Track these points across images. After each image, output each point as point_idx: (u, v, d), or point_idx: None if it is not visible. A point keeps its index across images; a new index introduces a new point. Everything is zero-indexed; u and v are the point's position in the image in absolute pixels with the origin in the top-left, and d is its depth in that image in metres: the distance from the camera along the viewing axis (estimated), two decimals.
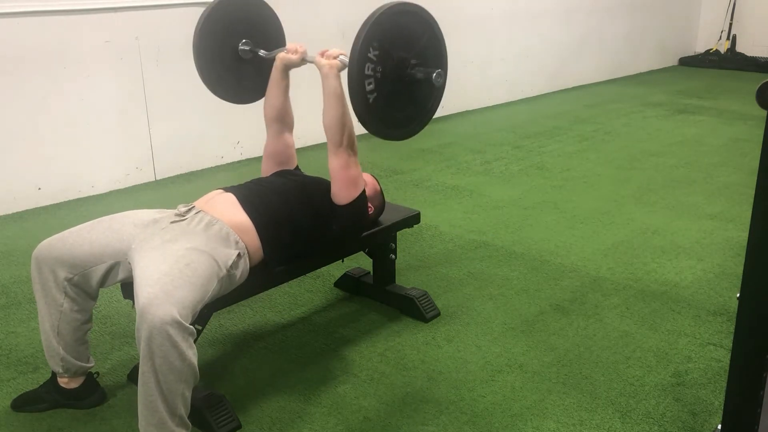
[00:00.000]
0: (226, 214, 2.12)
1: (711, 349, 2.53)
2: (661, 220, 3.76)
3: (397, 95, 2.14)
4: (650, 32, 8.44)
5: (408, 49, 2.12)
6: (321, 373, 2.39)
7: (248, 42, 2.57)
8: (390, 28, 2.06)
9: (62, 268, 2.02)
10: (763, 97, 1.48)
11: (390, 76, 2.09)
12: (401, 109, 2.18)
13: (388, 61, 2.07)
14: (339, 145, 2.24)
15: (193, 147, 4.61)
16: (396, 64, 2.09)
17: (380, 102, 2.09)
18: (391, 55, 2.07)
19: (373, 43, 2.02)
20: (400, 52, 2.10)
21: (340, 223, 2.31)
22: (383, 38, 2.04)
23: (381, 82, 2.07)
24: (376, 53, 2.04)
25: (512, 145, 5.25)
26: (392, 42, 2.07)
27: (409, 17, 2.12)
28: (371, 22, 2.01)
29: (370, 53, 2.02)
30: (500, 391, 2.29)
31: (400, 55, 2.10)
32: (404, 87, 2.14)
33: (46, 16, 3.84)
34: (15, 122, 3.84)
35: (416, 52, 2.14)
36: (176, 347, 1.76)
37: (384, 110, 2.12)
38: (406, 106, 2.19)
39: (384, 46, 2.05)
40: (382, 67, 2.06)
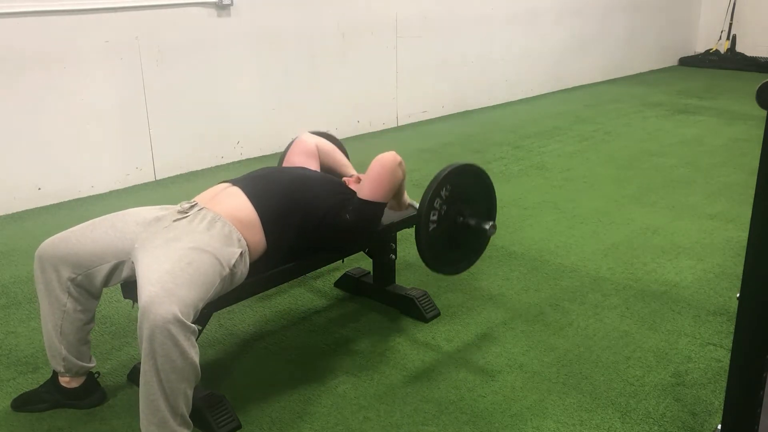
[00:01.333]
0: (230, 210, 2.12)
1: (711, 349, 2.53)
2: (661, 220, 3.76)
3: (453, 235, 2.44)
4: (650, 32, 8.45)
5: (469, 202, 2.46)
6: (321, 373, 2.39)
7: None
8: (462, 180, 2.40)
9: (66, 268, 2.02)
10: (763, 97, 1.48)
11: (450, 216, 2.40)
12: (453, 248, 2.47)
13: (452, 205, 2.39)
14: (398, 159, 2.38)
15: (193, 147, 4.61)
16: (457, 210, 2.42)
17: (437, 233, 2.36)
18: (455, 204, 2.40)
19: (448, 185, 2.34)
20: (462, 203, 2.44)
21: (353, 216, 2.32)
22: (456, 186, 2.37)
23: (442, 219, 2.37)
24: (447, 194, 2.35)
25: (512, 145, 5.26)
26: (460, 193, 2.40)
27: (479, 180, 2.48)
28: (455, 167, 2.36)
29: (443, 191, 2.33)
30: (500, 391, 2.29)
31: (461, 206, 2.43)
32: (458, 230, 2.44)
33: (46, 16, 3.84)
34: (15, 122, 3.84)
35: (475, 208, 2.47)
36: (178, 346, 1.76)
37: (438, 242, 2.38)
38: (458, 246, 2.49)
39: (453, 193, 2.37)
40: (447, 207, 2.37)
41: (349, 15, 5.30)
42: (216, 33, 4.56)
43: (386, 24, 5.58)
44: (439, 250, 2.40)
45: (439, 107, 6.20)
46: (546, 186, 4.32)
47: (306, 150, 2.61)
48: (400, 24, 5.66)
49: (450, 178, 2.35)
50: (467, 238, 2.49)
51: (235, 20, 4.63)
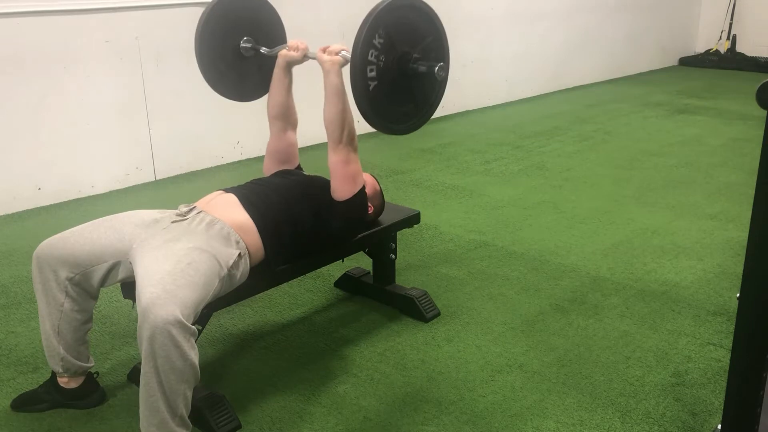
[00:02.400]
0: (227, 215, 2.12)
1: (711, 349, 2.53)
2: (661, 220, 3.76)
3: (399, 88, 2.14)
4: (650, 32, 8.44)
5: (412, 44, 2.12)
6: (321, 373, 2.39)
7: (249, 39, 2.57)
8: (397, 19, 2.07)
9: (63, 268, 2.02)
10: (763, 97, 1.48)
11: (393, 66, 2.09)
12: (403, 103, 2.19)
13: (391, 52, 2.07)
14: (339, 142, 2.25)
15: (193, 147, 4.61)
16: (400, 56, 2.10)
17: (380, 91, 2.09)
18: (395, 47, 2.08)
19: (380, 30, 2.02)
20: (404, 45, 2.10)
21: (340, 219, 2.32)
22: (389, 28, 2.05)
23: (383, 71, 2.07)
24: (381, 41, 2.04)
25: (512, 145, 5.25)
26: (397, 33, 2.07)
27: (415, 12, 2.12)
28: (380, 8, 2.01)
29: (375, 39, 2.02)
30: (500, 391, 2.29)
31: (404, 48, 2.10)
32: (407, 80, 2.14)
33: (46, 16, 3.84)
34: (15, 122, 3.84)
35: (420, 47, 2.14)
36: (178, 347, 1.76)
37: (388, 105, 2.13)
38: (408, 100, 2.20)
39: (390, 36, 2.05)
40: (385, 57, 2.06)
41: (349, 15, 5.30)
42: None
43: None
44: (385, 108, 2.14)
45: (438, 107, 6.19)
46: (546, 186, 4.32)
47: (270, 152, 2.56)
48: None
49: (382, 20, 2.02)
50: (416, 88, 2.19)
51: None
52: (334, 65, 2.26)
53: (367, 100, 2.07)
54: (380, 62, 2.05)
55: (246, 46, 2.57)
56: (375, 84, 2.06)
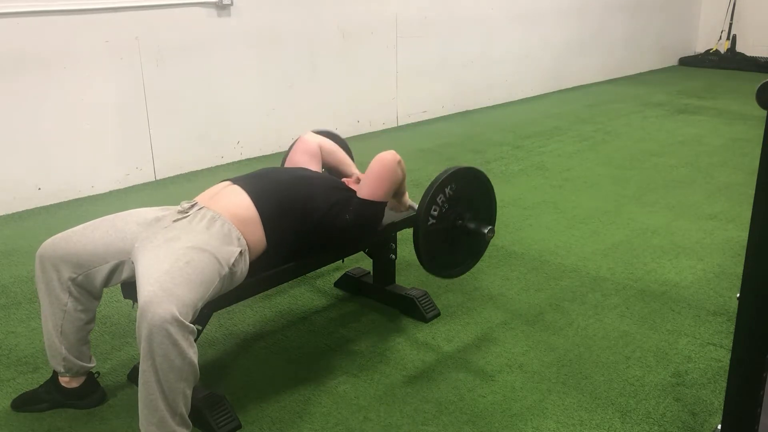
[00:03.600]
0: (230, 209, 2.12)
1: (711, 349, 2.53)
2: (661, 220, 3.76)
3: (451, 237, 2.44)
4: (650, 32, 8.45)
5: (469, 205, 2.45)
6: (321, 373, 2.39)
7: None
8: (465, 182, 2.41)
9: (66, 268, 2.02)
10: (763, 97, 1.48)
11: (450, 217, 2.40)
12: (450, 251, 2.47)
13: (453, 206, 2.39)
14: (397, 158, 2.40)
15: (193, 147, 4.61)
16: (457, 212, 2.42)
17: (435, 231, 2.36)
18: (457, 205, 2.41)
19: (453, 185, 2.35)
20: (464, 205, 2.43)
21: (354, 217, 2.32)
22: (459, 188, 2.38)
23: (442, 217, 2.37)
24: (450, 193, 2.36)
25: (512, 145, 5.25)
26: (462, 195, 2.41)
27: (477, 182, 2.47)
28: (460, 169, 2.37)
29: (447, 189, 2.34)
30: (500, 391, 2.29)
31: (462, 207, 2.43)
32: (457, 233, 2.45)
33: (46, 16, 3.84)
34: (15, 122, 3.84)
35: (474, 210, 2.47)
36: (176, 345, 1.76)
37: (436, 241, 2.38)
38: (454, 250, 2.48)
39: (456, 194, 2.38)
40: (448, 206, 2.37)
41: (349, 15, 5.30)
42: (216, 33, 4.55)
43: (386, 24, 5.58)
44: (436, 251, 2.40)
45: (439, 107, 6.20)
46: (546, 186, 4.32)
47: (308, 150, 2.62)
48: (400, 24, 5.66)
49: (454, 179, 2.35)
50: (465, 242, 2.48)
51: (235, 20, 4.63)
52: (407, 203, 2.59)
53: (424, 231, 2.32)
54: (443, 208, 2.36)
55: None
56: (433, 223, 2.34)
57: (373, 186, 2.35)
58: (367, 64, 5.51)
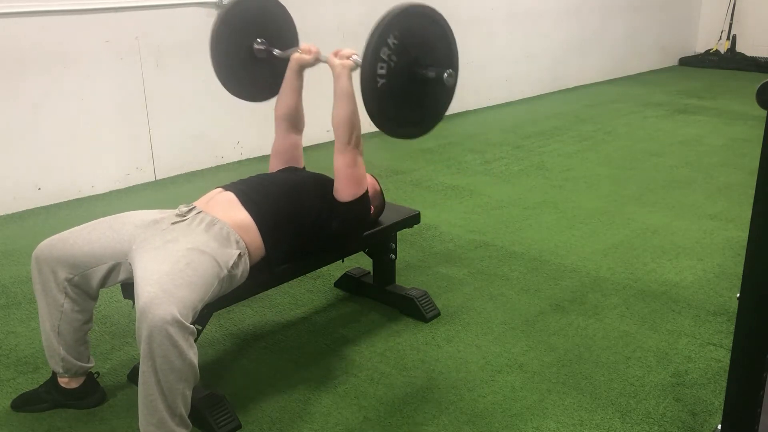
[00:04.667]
0: (226, 214, 2.12)
1: (711, 349, 2.53)
2: (661, 220, 3.76)
3: (410, 95, 2.16)
4: (650, 32, 8.44)
5: (419, 49, 2.13)
6: (321, 373, 2.39)
7: (263, 42, 2.59)
8: (402, 29, 2.07)
9: (63, 269, 2.02)
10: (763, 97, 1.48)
11: (402, 76, 2.10)
12: (413, 108, 2.20)
13: (399, 62, 2.08)
14: (347, 144, 2.27)
15: (193, 147, 4.61)
16: (408, 64, 2.11)
17: (393, 103, 2.11)
18: (403, 56, 2.08)
19: (395, 32, 2.04)
20: (412, 52, 2.11)
21: (341, 220, 2.31)
22: (404, 31, 2.06)
23: (393, 72, 2.07)
24: (395, 42, 2.05)
25: (512, 145, 5.25)
26: (404, 43, 2.08)
27: (421, 19, 2.14)
28: (382, 25, 2.02)
29: (389, 39, 2.03)
30: (500, 391, 2.29)
31: (411, 55, 2.11)
32: (416, 86, 2.15)
33: (46, 16, 3.84)
34: (15, 122, 3.84)
35: (427, 52, 2.15)
36: (176, 346, 1.76)
37: (397, 110, 2.15)
38: (418, 106, 2.21)
39: (403, 39, 2.06)
40: (397, 58, 2.06)
41: (349, 15, 5.30)
42: None
43: None
44: (391, 109, 2.15)
45: None
46: (546, 186, 4.32)
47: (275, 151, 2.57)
48: None
49: (398, 22, 2.05)
50: (425, 93, 2.20)
51: None
52: (345, 69, 2.28)
53: (375, 97, 2.07)
54: (391, 62, 2.06)
55: (259, 47, 2.59)
56: (384, 82, 2.06)
57: (347, 188, 2.30)
58: None
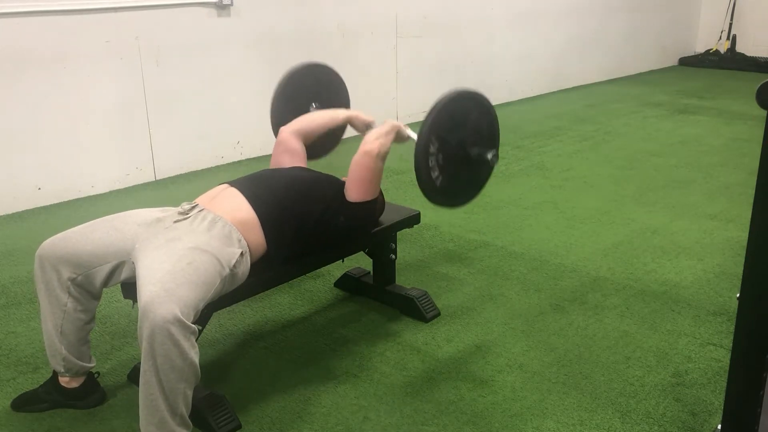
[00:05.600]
0: (229, 211, 2.12)
1: (711, 349, 2.53)
2: (661, 220, 3.76)
3: (457, 171, 2.34)
4: (650, 32, 8.45)
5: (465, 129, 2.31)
6: (321, 373, 2.39)
7: (318, 107, 2.80)
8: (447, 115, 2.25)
9: (66, 268, 2.02)
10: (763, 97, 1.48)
11: (450, 158, 2.28)
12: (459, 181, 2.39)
13: (447, 147, 2.26)
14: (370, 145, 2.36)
15: (193, 147, 4.61)
16: (455, 146, 2.28)
17: (445, 182, 2.31)
18: (449, 141, 2.26)
19: (432, 139, 2.21)
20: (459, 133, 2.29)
21: (346, 218, 2.33)
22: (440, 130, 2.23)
23: (443, 167, 2.27)
24: (435, 146, 2.22)
25: (512, 145, 5.25)
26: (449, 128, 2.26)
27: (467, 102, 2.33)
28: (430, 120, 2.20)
29: (431, 148, 2.22)
30: (500, 391, 2.29)
31: (458, 136, 2.29)
32: (462, 164, 2.34)
33: (46, 16, 3.84)
34: (15, 122, 3.84)
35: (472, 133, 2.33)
36: (178, 346, 1.76)
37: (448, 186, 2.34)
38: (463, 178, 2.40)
39: (441, 136, 2.23)
40: (443, 155, 2.25)
41: (349, 15, 5.30)
42: (216, 33, 4.55)
43: (386, 24, 5.58)
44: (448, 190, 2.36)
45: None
46: (546, 186, 4.32)
47: (288, 148, 2.58)
48: (400, 24, 5.66)
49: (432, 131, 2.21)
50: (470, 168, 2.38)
51: (235, 20, 4.63)
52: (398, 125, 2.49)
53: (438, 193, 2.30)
54: (439, 161, 2.24)
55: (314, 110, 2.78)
56: (440, 180, 2.28)
57: (359, 189, 2.34)
58: (367, 64, 5.51)
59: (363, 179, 2.33)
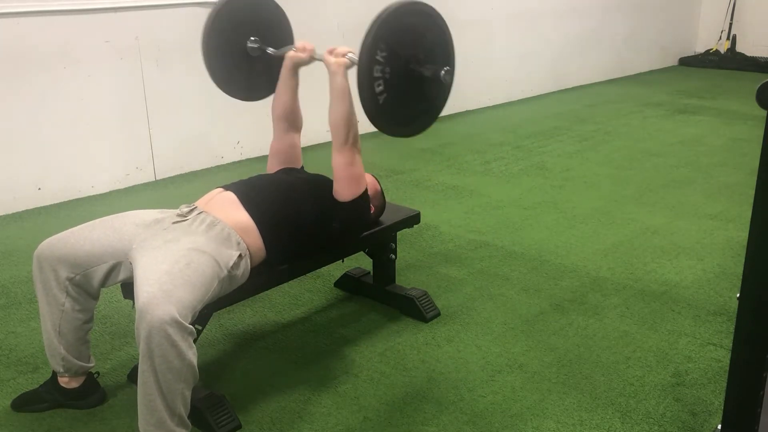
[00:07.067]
0: (227, 215, 2.12)
1: (711, 349, 2.53)
2: (661, 220, 3.76)
3: (407, 93, 2.14)
4: (650, 32, 8.44)
5: (415, 47, 2.11)
6: (321, 373, 2.39)
7: (257, 40, 2.57)
8: (397, 28, 2.05)
9: (64, 268, 2.02)
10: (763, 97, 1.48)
11: (398, 75, 2.08)
12: (410, 106, 2.18)
13: (396, 61, 2.06)
14: (344, 143, 2.25)
15: (193, 147, 4.61)
16: (404, 62, 2.09)
17: (390, 102, 2.09)
18: (399, 55, 2.06)
19: (380, 45, 2.01)
20: (408, 50, 2.09)
21: (341, 221, 2.31)
22: (390, 39, 2.03)
23: (390, 83, 2.06)
24: (383, 54, 2.03)
25: (512, 145, 5.25)
26: (400, 41, 2.06)
27: (417, 17, 2.12)
28: (378, 23, 1.99)
29: (377, 55, 2.01)
30: (500, 391, 2.29)
31: (407, 53, 2.09)
32: (413, 85, 2.13)
33: (46, 16, 3.84)
34: (15, 122, 3.84)
35: (424, 50, 2.13)
36: (175, 346, 1.76)
37: (394, 109, 2.13)
38: (415, 104, 2.19)
39: (391, 47, 2.04)
40: (390, 68, 2.05)
41: (349, 15, 5.30)
42: None
43: None
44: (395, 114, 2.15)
45: None
46: (546, 186, 4.32)
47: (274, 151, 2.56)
48: None
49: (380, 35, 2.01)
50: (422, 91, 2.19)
51: None
52: (341, 67, 2.26)
53: (380, 115, 2.08)
54: (386, 75, 2.04)
55: (253, 46, 2.57)
56: (384, 97, 2.06)
57: (347, 187, 2.30)
58: None
59: (350, 176, 2.29)
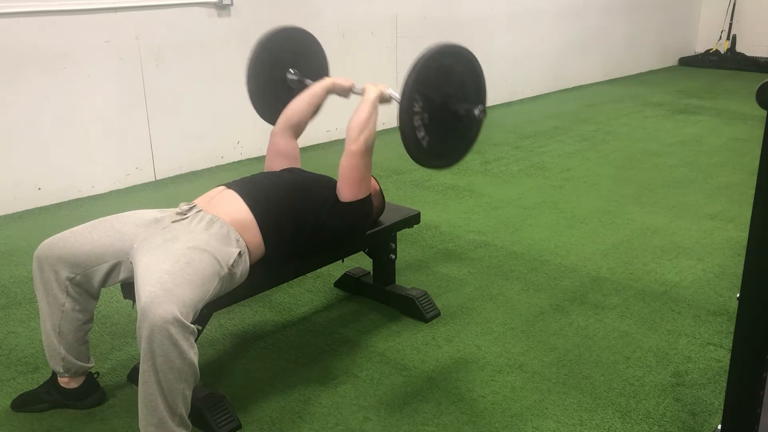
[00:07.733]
0: (227, 212, 2.12)
1: (711, 349, 2.53)
2: (661, 220, 3.76)
3: (444, 130, 2.28)
4: (650, 32, 8.45)
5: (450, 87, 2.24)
6: (321, 373, 2.39)
7: (296, 72, 2.71)
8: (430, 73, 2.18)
9: (64, 268, 2.02)
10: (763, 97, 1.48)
11: (436, 117, 2.22)
12: (448, 142, 2.33)
13: (432, 106, 2.19)
14: (356, 145, 2.30)
15: (193, 147, 4.61)
16: (440, 105, 2.22)
17: (432, 143, 2.24)
18: (434, 100, 2.19)
19: (415, 97, 2.15)
20: (444, 90, 2.22)
21: (342, 220, 2.32)
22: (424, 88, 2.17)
23: (429, 126, 2.20)
24: (420, 104, 2.16)
25: (512, 145, 5.25)
26: (434, 86, 2.19)
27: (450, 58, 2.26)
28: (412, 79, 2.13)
29: (415, 107, 2.15)
30: (500, 391, 2.29)
31: (443, 93, 2.22)
32: (449, 122, 2.27)
33: (46, 16, 3.84)
34: (15, 122, 3.84)
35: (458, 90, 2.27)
36: (177, 346, 1.76)
37: (434, 147, 2.26)
38: (452, 140, 2.33)
39: (426, 95, 2.17)
40: (428, 113, 2.19)
41: (349, 15, 5.30)
42: (216, 33, 4.55)
43: (386, 24, 5.58)
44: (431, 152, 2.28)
45: None
46: (546, 186, 4.32)
47: (279, 152, 2.57)
48: (400, 24, 5.66)
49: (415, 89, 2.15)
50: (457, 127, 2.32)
51: (235, 20, 4.63)
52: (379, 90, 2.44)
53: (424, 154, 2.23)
54: (425, 120, 2.18)
55: (292, 78, 2.70)
56: (427, 140, 2.21)
57: (351, 189, 2.31)
58: (367, 64, 5.50)
59: (353, 179, 2.30)
